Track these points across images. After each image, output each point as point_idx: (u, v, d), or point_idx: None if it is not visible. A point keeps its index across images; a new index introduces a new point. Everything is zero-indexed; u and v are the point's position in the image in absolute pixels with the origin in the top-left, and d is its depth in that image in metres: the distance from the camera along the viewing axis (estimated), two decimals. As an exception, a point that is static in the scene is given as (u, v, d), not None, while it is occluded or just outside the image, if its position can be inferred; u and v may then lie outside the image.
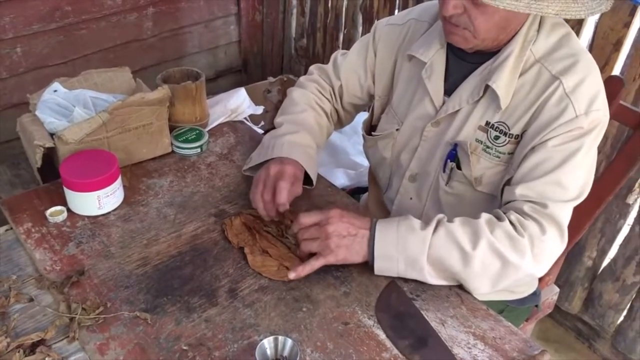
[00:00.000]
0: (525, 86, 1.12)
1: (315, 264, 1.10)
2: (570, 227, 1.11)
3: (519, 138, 1.14)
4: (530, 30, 1.12)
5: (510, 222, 1.07)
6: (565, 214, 1.10)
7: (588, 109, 1.07)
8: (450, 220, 1.09)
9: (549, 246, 1.08)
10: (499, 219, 1.09)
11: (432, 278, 1.09)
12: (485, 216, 1.09)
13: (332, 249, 1.09)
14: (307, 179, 1.29)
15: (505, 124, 1.14)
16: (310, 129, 1.34)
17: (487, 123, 1.16)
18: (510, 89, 1.12)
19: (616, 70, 1.70)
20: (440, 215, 1.10)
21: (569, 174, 1.08)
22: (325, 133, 1.41)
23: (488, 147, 1.17)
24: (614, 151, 1.75)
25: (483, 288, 1.09)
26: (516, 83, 1.12)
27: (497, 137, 1.16)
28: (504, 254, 1.05)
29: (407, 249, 1.07)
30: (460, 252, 1.05)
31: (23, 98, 1.68)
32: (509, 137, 1.14)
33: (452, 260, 1.06)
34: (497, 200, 1.19)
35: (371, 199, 1.53)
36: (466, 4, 1.05)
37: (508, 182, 1.15)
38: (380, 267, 1.10)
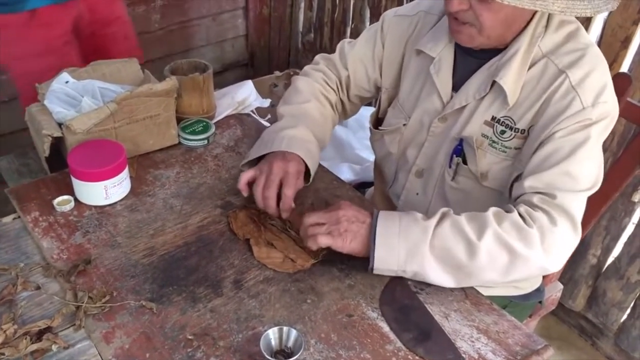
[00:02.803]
0: (531, 81, 1.12)
1: (322, 241, 1.08)
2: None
3: (525, 132, 1.14)
4: (538, 27, 1.12)
5: (519, 214, 1.06)
6: (576, 205, 1.07)
7: (595, 101, 1.07)
8: (456, 213, 1.08)
9: (560, 238, 1.05)
10: (507, 211, 1.07)
11: (432, 270, 1.05)
12: (493, 209, 1.07)
13: (340, 232, 1.08)
14: (306, 175, 1.26)
15: (511, 118, 1.14)
16: (311, 121, 1.31)
17: (493, 118, 1.16)
18: (518, 85, 1.12)
19: (624, 68, 1.70)
20: (446, 209, 1.10)
21: (577, 164, 1.07)
22: (330, 123, 1.38)
23: (494, 141, 1.17)
24: (621, 148, 1.75)
25: (491, 281, 1.07)
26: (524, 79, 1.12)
27: (503, 132, 1.16)
28: (512, 245, 1.03)
29: (409, 238, 1.05)
30: (466, 243, 1.04)
31: (31, 88, 1.68)
32: (514, 131, 1.14)
33: (458, 251, 1.04)
34: (504, 197, 1.18)
35: (377, 193, 1.53)
36: (472, 0, 1.05)
37: (517, 179, 1.14)
38: (381, 256, 1.07)
